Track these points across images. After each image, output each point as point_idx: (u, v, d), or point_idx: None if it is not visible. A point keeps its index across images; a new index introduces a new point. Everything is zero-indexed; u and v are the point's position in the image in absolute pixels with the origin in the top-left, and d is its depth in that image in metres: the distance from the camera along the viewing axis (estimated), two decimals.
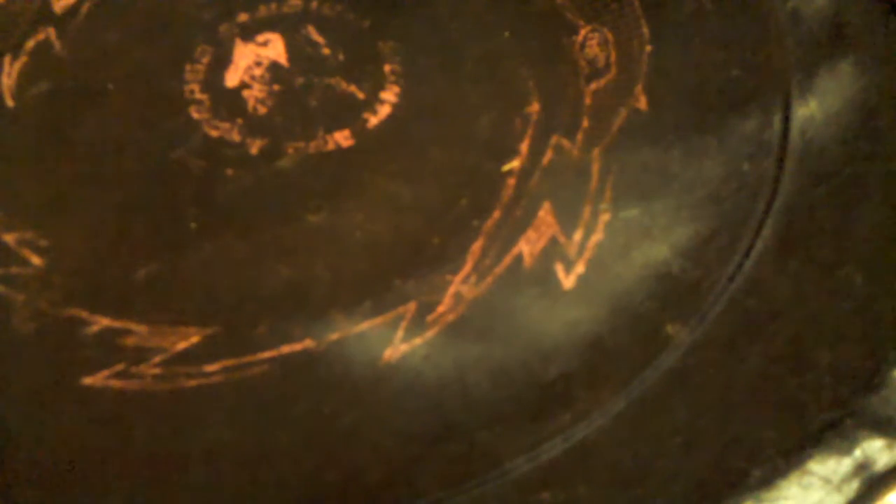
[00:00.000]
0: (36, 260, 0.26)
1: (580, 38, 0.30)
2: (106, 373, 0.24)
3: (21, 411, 0.23)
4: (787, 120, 0.28)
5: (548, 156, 0.27)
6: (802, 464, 0.21)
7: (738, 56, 0.29)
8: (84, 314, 0.25)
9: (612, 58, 0.29)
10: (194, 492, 0.22)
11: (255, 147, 0.28)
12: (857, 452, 0.21)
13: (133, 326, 0.24)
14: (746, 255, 0.25)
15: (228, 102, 0.28)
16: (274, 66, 0.29)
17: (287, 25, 0.30)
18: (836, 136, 0.27)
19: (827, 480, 0.21)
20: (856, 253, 0.25)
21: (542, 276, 0.25)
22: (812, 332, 0.24)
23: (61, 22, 0.30)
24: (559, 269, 0.25)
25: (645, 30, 0.30)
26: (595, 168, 0.27)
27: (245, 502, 0.22)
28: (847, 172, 0.27)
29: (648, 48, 0.29)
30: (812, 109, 0.28)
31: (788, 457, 0.21)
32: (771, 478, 0.21)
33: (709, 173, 0.27)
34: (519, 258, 0.26)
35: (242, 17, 0.30)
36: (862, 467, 0.21)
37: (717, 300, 0.24)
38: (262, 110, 0.28)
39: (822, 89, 0.28)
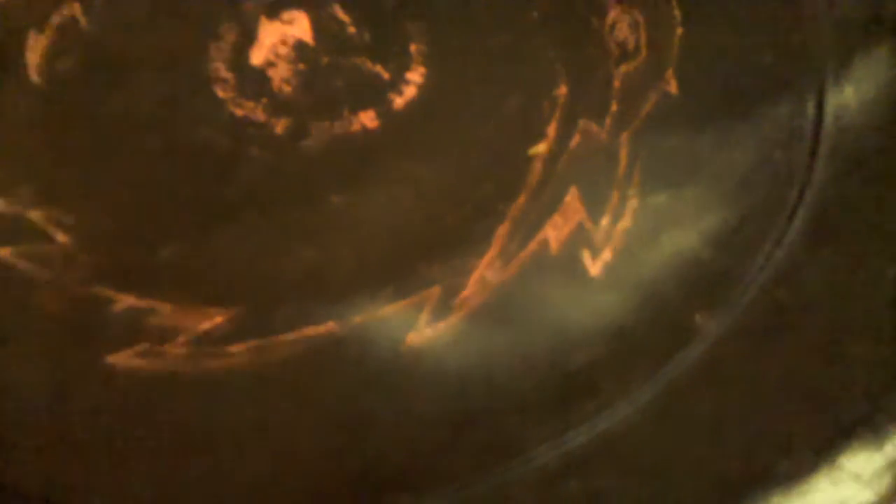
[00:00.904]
0: (61, 237, 0.26)
1: (610, 19, 0.29)
2: (130, 352, 0.24)
3: (45, 389, 0.23)
4: (820, 107, 0.27)
5: (575, 140, 0.27)
6: (832, 459, 0.21)
7: (772, 40, 0.28)
8: (109, 292, 0.25)
9: (643, 40, 0.29)
10: (216, 471, 0.22)
11: (279, 126, 0.28)
12: (889, 448, 0.21)
13: (157, 306, 0.24)
14: (777, 244, 0.25)
15: (253, 81, 0.28)
16: (299, 45, 0.29)
17: (313, 3, 0.30)
18: (871, 124, 0.27)
19: (857, 476, 0.21)
20: (890, 244, 0.25)
21: (569, 263, 0.25)
22: (844, 325, 0.23)
23: None
24: (586, 255, 0.25)
25: (676, 12, 0.29)
26: (623, 153, 0.27)
27: (267, 483, 0.22)
28: (882, 161, 0.26)
29: (680, 31, 0.29)
30: (847, 96, 0.27)
31: (818, 451, 0.21)
32: (799, 472, 0.21)
33: (740, 160, 0.26)
34: (545, 244, 0.25)
35: None
36: (893, 464, 0.21)
37: (747, 290, 0.24)
38: (286, 89, 0.28)
39: (857, 76, 0.28)
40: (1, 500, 0.22)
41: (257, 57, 0.29)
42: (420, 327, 0.24)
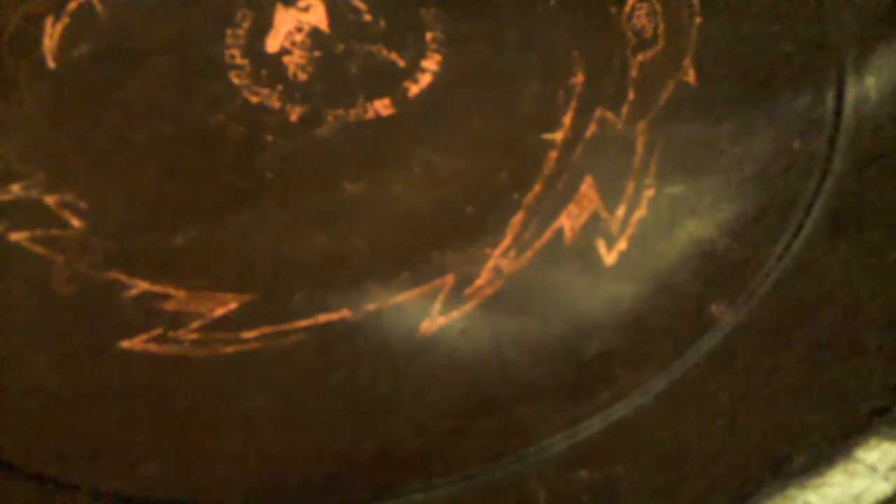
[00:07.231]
0: (76, 222, 0.26)
1: (628, 7, 0.29)
2: (144, 337, 0.24)
3: (58, 374, 0.23)
4: (840, 97, 0.27)
5: (591, 129, 0.27)
6: (848, 451, 0.21)
7: (792, 29, 0.28)
8: (123, 278, 0.25)
9: (661, 29, 0.28)
10: (229, 457, 0.22)
11: (294, 114, 0.27)
12: None
13: (171, 291, 0.24)
14: (795, 235, 0.25)
15: (269, 68, 0.28)
16: (315, 32, 0.29)
17: None
18: (891, 115, 0.26)
19: (873, 469, 0.20)
20: None
21: (584, 252, 0.25)
22: (861, 316, 0.23)
23: None
24: (601, 244, 0.25)
25: (695, 0, 0.29)
26: (640, 142, 0.27)
27: (280, 469, 0.22)
28: None
29: (698, 19, 0.28)
30: (867, 87, 0.27)
31: (834, 443, 0.21)
32: (815, 464, 0.20)
33: (758, 150, 0.26)
34: (560, 233, 0.25)
35: None
36: None
37: (764, 281, 0.24)
38: (302, 77, 0.28)
39: (878, 66, 0.27)
40: (10, 481, 0.22)
41: (273, 44, 0.29)
42: (433, 315, 0.24)
